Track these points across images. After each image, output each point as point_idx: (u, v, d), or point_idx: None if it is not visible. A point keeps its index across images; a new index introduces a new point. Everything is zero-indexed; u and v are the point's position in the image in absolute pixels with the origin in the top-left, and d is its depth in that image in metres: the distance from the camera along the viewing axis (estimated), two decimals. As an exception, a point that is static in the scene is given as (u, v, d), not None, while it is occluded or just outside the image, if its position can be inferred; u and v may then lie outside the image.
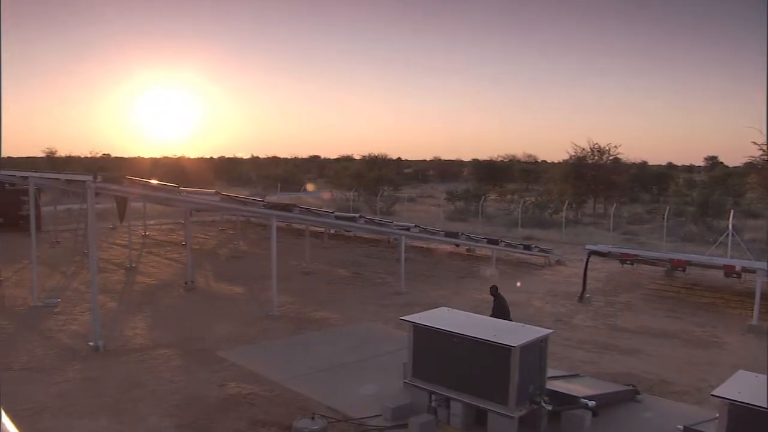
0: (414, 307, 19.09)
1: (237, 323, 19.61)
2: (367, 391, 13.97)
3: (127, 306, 21.98)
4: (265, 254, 28.64)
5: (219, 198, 22.23)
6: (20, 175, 30.22)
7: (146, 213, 43.16)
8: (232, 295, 24.02)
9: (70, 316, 20.12)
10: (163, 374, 15.14)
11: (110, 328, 18.39)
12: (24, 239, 30.20)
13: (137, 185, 22.34)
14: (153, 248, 35.97)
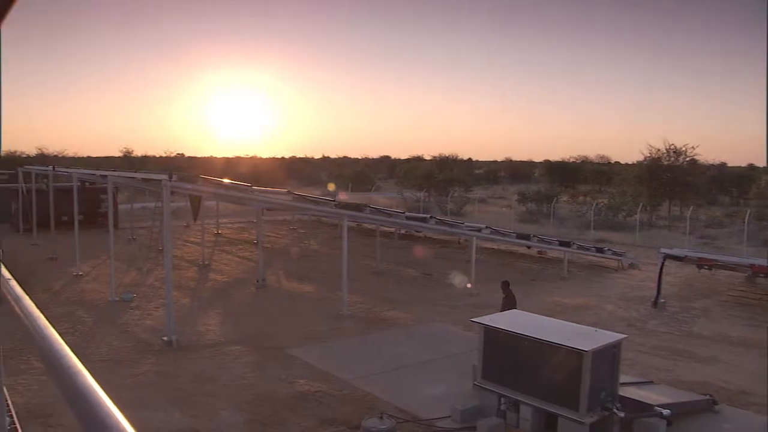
0: (484, 309, 18.93)
1: (307, 321, 19.78)
2: (435, 392, 13.90)
3: (200, 302, 22.43)
4: (336, 253, 28.82)
5: (291, 197, 22.46)
6: (99, 174, 31.19)
7: (219, 211, 43.93)
8: (302, 293, 24.25)
9: (145, 311, 20.64)
10: (235, 370, 15.38)
11: (183, 324, 18.79)
12: (102, 236, 31.15)
13: (211, 184, 22.75)
14: (225, 246, 36.64)
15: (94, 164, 69.41)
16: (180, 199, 29.08)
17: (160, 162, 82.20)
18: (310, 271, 28.56)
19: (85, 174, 32.73)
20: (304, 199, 24.09)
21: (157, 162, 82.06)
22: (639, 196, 52.23)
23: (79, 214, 27.80)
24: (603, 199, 57.35)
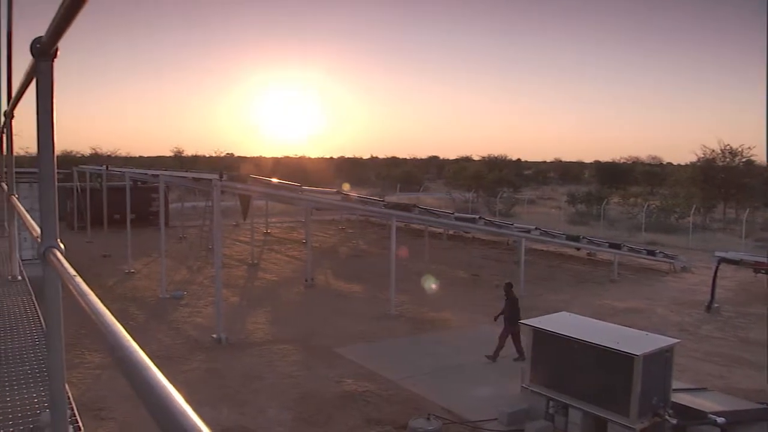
0: (532, 311, 18.77)
1: (355, 321, 19.86)
2: (483, 394, 13.85)
3: (249, 301, 22.68)
4: (384, 254, 28.87)
5: (340, 197, 22.59)
6: (151, 173, 31.77)
7: (268, 211, 44.32)
8: (350, 293, 24.36)
9: (195, 309, 20.95)
10: (283, 368, 15.52)
11: (232, 322, 19.03)
12: (153, 234, 31.70)
13: (260, 184, 23.01)
14: (274, 245, 36.96)
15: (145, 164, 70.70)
16: (230, 198, 29.45)
17: (210, 162, 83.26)
18: (358, 271, 28.64)
19: (138, 173, 33.40)
20: (353, 199, 24.21)
21: (207, 162, 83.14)
22: (692, 198, 51.19)
23: (131, 213, 28.36)
24: (655, 200, 56.34)
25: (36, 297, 6.01)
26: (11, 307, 5.60)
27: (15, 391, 3.59)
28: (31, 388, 3.64)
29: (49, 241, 2.36)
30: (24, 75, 3.35)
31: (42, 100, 2.37)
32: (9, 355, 4.28)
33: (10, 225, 7.37)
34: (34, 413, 3.27)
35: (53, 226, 2.41)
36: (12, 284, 6.65)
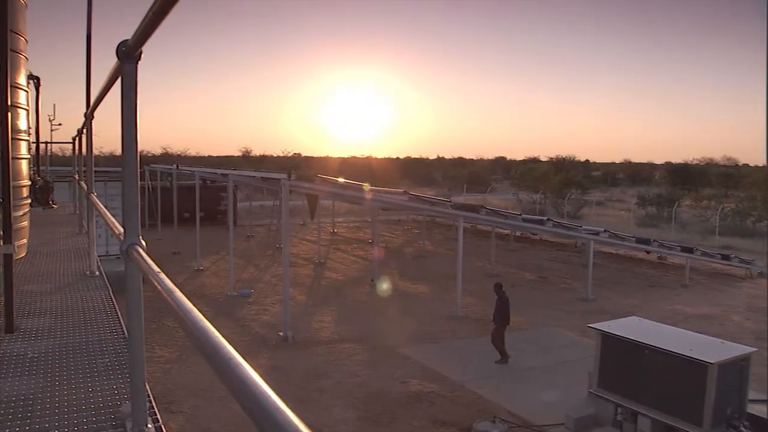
0: (601, 315, 18.49)
1: (420, 322, 19.85)
2: (549, 398, 13.68)
3: (315, 300, 22.88)
4: (450, 255, 28.81)
5: (407, 197, 22.60)
6: (220, 173, 32.34)
7: (335, 210, 44.61)
8: (416, 293, 24.34)
9: (261, 307, 21.24)
10: (348, 367, 15.62)
11: (299, 320, 19.23)
12: (221, 233, 32.29)
13: (328, 183, 23.18)
14: (341, 245, 37.21)
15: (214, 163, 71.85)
16: (297, 197, 29.77)
17: (278, 161, 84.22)
18: (424, 271, 28.61)
19: (207, 173, 34.03)
20: (420, 200, 24.20)
21: (274, 161, 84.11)
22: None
23: (201, 211, 28.93)
24: (729, 203, 54.67)
25: (113, 292, 6.20)
26: (90, 301, 5.79)
27: (96, 383, 3.72)
28: (111, 380, 3.76)
29: (132, 239, 2.44)
30: (107, 78, 3.45)
31: (127, 101, 2.44)
32: (90, 348, 4.43)
33: (90, 223, 7.61)
34: (115, 404, 3.37)
35: (136, 224, 2.49)
36: (90, 279, 6.86)
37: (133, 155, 2.47)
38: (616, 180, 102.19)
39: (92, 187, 6.79)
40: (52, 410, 3.33)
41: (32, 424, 3.17)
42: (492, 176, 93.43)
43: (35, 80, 14.91)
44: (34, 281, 6.77)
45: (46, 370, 3.97)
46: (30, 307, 5.54)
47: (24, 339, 4.66)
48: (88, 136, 7.03)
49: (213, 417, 12.52)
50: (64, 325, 5.04)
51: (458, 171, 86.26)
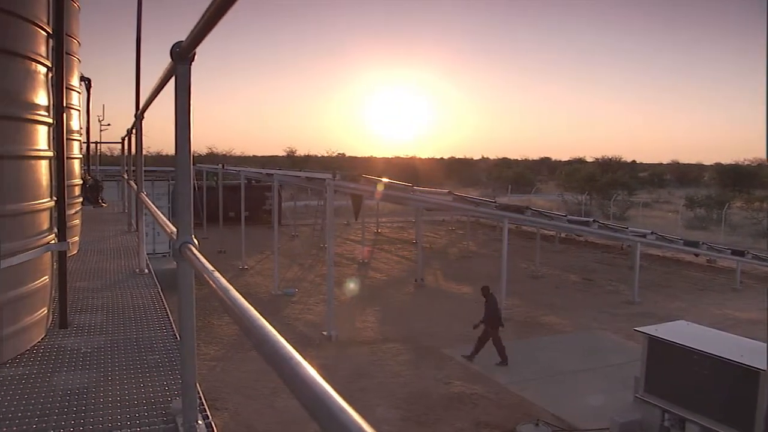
0: (647, 319, 18.23)
1: (464, 322, 19.72)
2: (594, 402, 13.53)
3: (359, 299, 22.92)
4: (494, 255, 28.66)
5: (452, 198, 22.55)
6: (266, 172, 32.61)
7: (379, 211, 44.65)
8: (459, 294, 24.25)
9: (306, 306, 21.36)
10: (391, 367, 15.63)
11: (342, 320, 19.28)
12: (266, 232, 32.57)
13: (372, 184, 23.24)
14: (384, 245, 37.24)
15: (259, 163, 72.45)
16: (341, 197, 29.87)
17: (322, 161, 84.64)
18: (468, 272, 28.48)
19: (252, 172, 34.34)
20: (464, 200, 24.13)
21: (318, 161, 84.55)
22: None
23: (246, 211, 29.22)
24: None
25: (162, 289, 6.30)
26: (140, 298, 5.89)
27: (147, 379, 3.78)
28: (161, 376, 3.83)
29: (185, 237, 2.47)
30: (158, 79, 3.51)
31: (180, 102, 2.48)
32: (140, 344, 4.51)
33: (139, 221, 7.75)
34: (165, 400, 3.43)
35: (188, 223, 2.52)
36: (140, 277, 6.98)
37: (186, 155, 2.51)
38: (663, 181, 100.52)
39: (142, 186, 6.91)
40: (106, 405, 3.40)
41: (87, 418, 3.24)
42: (537, 177, 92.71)
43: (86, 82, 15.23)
44: (85, 278, 6.91)
45: (99, 365, 4.06)
46: (82, 304, 5.66)
47: (77, 334, 4.76)
48: (138, 135, 7.15)
49: (256, 415, 12.64)
50: (115, 321, 5.14)
51: (503, 171, 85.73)
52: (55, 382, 3.76)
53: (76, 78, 9.78)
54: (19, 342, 4.28)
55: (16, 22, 4.20)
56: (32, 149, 4.41)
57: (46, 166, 4.64)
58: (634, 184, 69.86)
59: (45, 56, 4.60)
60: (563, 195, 63.57)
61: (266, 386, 13.88)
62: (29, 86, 4.37)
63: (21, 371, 3.94)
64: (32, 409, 3.36)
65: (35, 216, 4.47)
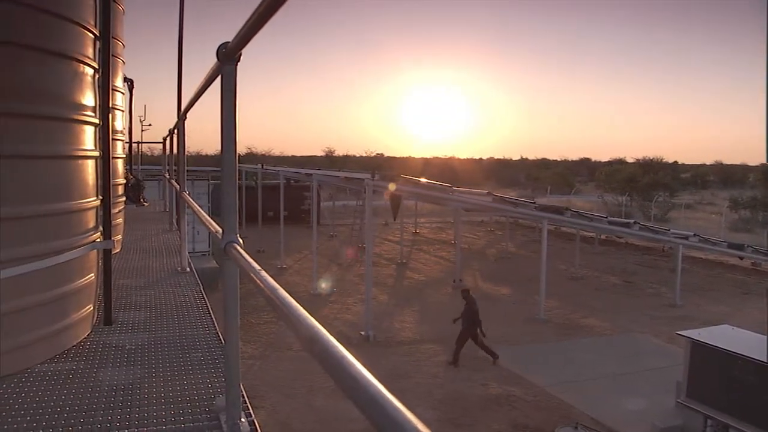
0: (689, 322, 17.97)
1: (502, 324, 19.67)
2: (633, 407, 13.36)
3: (397, 300, 22.93)
4: (533, 257, 28.47)
5: (491, 198, 22.46)
6: (304, 172, 32.79)
7: (417, 211, 44.62)
8: (498, 295, 24.13)
9: (343, 306, 21.44)
10: (428, 368, 15.62)
11: (380, 320, 19.32)
12: (304, 231, 32.72)
13: (411, 184, 23.25)
14: (423, 245, 37.19)
15: (298, 163, 72.82)
16: (380, 197, 29.92)
17: (360, 162, 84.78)
18: (507, 273, 28.33)
19: (291, 172, 34.54)
20: (503, 201, 24.01)
21: (357, 162, 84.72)
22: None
23: (284, 210, 29.40)
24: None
25: (204, 287, 6.37)
26: (183, 297, 5.97)
27: (191, 376, 3.83)
28: (204, 374, 3.87)
29: (230, 237, 2.50)
30: (203, 79, 3.55)
31: (226, 102, 2.51)
32: (183, 342, 4.57)
33: (181, 220, 7.84)
34: (209, 398, 3.47)
35: (234, 222, 2.55)
36: (182, 275, 7.07)
37: (232, 155, 2.54)
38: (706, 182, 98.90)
39: (185, 185, 6.99)
40: (150, 401, 3.45)
41: (132, 413, 3.29)
42: (576, 178, 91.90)
43: (129, 83, 15.45)
44: (128, 276, 7.02)
45: (143, 362, 4.12)
46: (126, 301, 5.75)
47: (121, 331, 4.84)
48: (181, 135, 7.23)
49: (294, 413, 12.72)
50: (158, 319, 5.21)
51: (542, 172, 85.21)
52: (101, 377, 3.83)
53: (120, 79, 9.93)
54: (66, 338, 4.37)
55: (65, 25, 4.29)
56: (80, 149, 4.49)
57: (92, 166, 4.73)
58: (676, 185, 68.91)
59: (92, 58, 4.68)
60: (603, 196, 62.92)
61: (303, 385, 13.96)
62: (77, 87, 4.45)
63: (68, 366, 4.02)
64: (79, 403, 3.43)
65: (82, 215, 4.56)
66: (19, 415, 3.28)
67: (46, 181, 4.14)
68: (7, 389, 3.62)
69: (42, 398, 3.51)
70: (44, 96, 4.13)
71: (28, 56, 3.98)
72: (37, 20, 4.02)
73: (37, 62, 4.06)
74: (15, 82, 3.90)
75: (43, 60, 4.10)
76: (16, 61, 3.89)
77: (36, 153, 4.05)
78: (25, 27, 3.92)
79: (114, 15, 6.21)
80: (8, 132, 3.85)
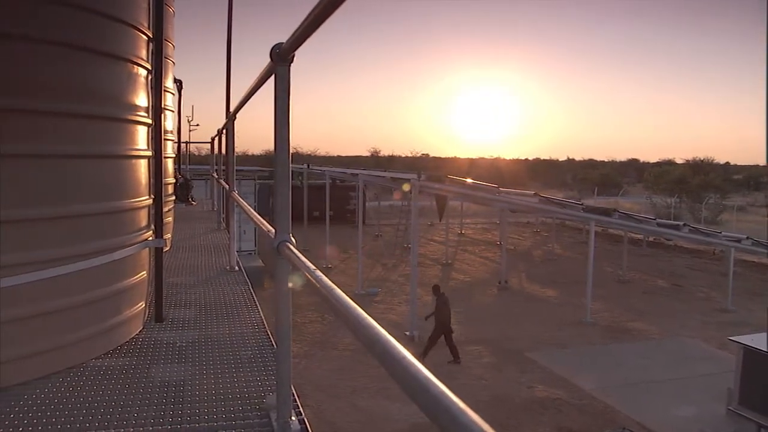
0: (741, 328, 17.58)
1: (548, 326, 19.51)
2: (682, 413, 13.13)
3: (442, 301, 22.84)
4: (579, 258, 28.18)
5: (537, 200, 22.30)
6: (350, 172, 32.92)
7: (463, 211, 44.46)
8: (544, 297, 23.93)
9: (389, 306, 21.44)
10: (474, 370, 15.55)
11: (425, 321, 19.25)
12: (350, 231, 32.83)
13: (457, 184, 23.19)
14: (468, 246, 37.04)
15: (343, 163, 73.05)
16: (425, 198, 29.88)
17: (406, 162, 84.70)
18: (553, 275, 28.06)
19: (337, 172, 34.69)
20: (550, 202, 23.82)
21: (402, 162, 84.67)
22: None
23: (330, 210, 29.52)
24: None
25: (252, 286, 6.44)
26: (232, 295, 6.04)
27: (241, 374, 3.88)
28: (254, 372, 3.91)
29: (284, 236, 2.53)
30: (255, 79, 3.58)
31: (280, 103, 2.53)
32: (233, 340, 4.62)
33: (230, 219, 7.93)
34: (259, 396, 3.51)
35: (287, 221, 2.57)
36: (230, 274, 7.15)
37: (286, 155, 2.56)
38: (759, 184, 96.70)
39: (234, 185, 7.07)
40: (201, 397, 3.50)
41: (183, 409, 3.34)
42: (624, 179, 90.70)
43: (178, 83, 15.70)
44: (178, 274, 7.13)
45: (194, 359, 4.18)
46: (176, 299, 5.84)
47: (172, 328, 4.92)
48: (230, 135, 7.31)
49: (338, 413, 12.77)
50: (208, 316, 5.28)
51: (588, 173, 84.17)
52: (153, 373, 3.90)
53: (170, 80, 10.10)
54: (119, 334, 4.46)
55: (121, 28, 4.37)
56: (134, 149, 4.58)
57: (145, 166, 4.82)
58: (728, 187, 67.53)
59: (146, 59, 4.77)
60: (651, 198, 61.94)
61: (348, 385, 14.02)
62: (131, 88, 4.54)
63: (122, 362, 4.10)
64: (132, 398, 3.50)
65: (135, 213, 4.65)
66: (75, 408, 3.37)
67: (103, 180, 4.24)
68: (63, 382, 3.72)
69: (97, 392, 3.59)
70: (101, 97, 4.22)
71: (86, 58, 4.07)
72: (95, 23, 4.12)
73: (94, 64, 4.15)
74: (73, 83, 3.99)
75: (99, 62, 4.19)
76: (74, 63, 3.98)
77: (93, 152, 4.15)
78: (82, 29, 4.01)
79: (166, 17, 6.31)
80: (67, 132, 3.95)
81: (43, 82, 3.81)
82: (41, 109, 3.77)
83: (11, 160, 3.63)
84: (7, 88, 3.60)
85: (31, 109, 3.72)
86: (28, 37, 3.67)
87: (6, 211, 3.55)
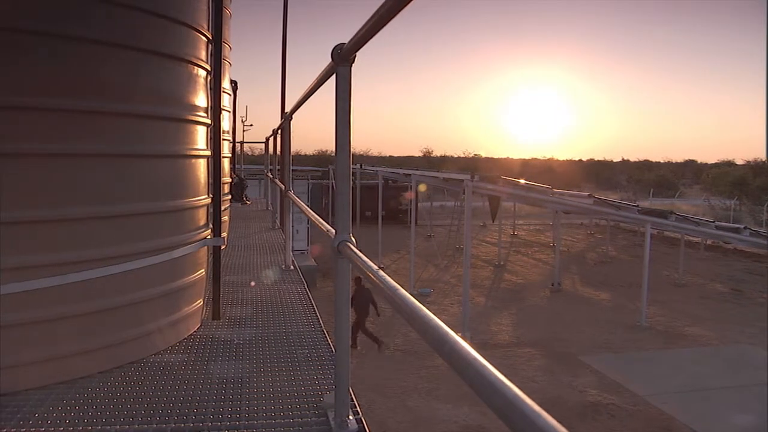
0: (806, 335, 17.10)
1: (602, 330, 19.25)
2: (741, 422, 12.83)
3: (494, 302, 22.76)
4: (634, 261, 27.75)
5: (592, 201, 22.02)
6: (403, 172, 32.95)
7: (515, 212, 44.14)
8: (597, 300, 23.61)
9: (440, 307, 21.39)
10: (525, 372, 15.44)
11: (477, 322, 19.21)
12: (402, 231, 32.86)
13: (510, 185, 23.03)
14: (521, 248, 36.77)
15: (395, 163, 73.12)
16: (477, 198, 29.75)
17: (458, 162, 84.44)
18: (607, 277, 27.67)
19: (390, 172, 34.75)
20: (605, 204, 23.49)
21: (455, 162, 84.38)
22: None
23: (382, 210, 29.58)
24: None
25: (307, 285, 6.49)
26: (287, 294, 6.09)
27: (298, 372, 3.91)
28: (311, 371, 3.94)
29: (344, 236, 2.54)
30: (315, 79, 3.61)
31: (341, 103, 2.55)
32: (290, 338, 4.67)
33: (285, 219, 8.01)
34: (316, 394, 3.54)
35: (347, 221, 2.59)
36: (286, 273, 7.22)
37: (346, 155, 2.58)
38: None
39: (290, 185, 7.13)
40: (259, 395, 3.54)
41: (242, 407, 3.39)
42: (680, 180, 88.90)
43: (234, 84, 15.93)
44: (234, 272, 7.23)
45: (251, 357, 4.23)
46: (232, 296, 5.92)
47: (229, 326, 4.99)
48: (286, 135, 7.38)
49: (389, 413, 12.80)
50: (264, 315, 5.34)
51: (644, 174, 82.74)
52: (211, 370, 3.96)
53: (227, 81, 10.25)
54: (178, 330, 4.54)
55: (182, 30, 4.46)
56: (194, 148, 4.66)
57: (204, 165, 4.90)
58: (794, 189, 65.57)
59: (205, 60, 4.86)
60: (709, 200, 60.61)
61: (398, 385, 14.05)
62: (192, 89, 4.62)
63: (180, 358, 4.17)
64: (192, 394, 3.56)
65: (195, 212, 4.73)
66: (137, 402, 3.44)
67: (164, 179, 4.33)
68: (125, 377, 3.81)
69: (157, 387, 3.66)
70: (163, 97, 4.31)
71: (148, 59, 4.16)
72: (157, 25, 4.21)
73: (156, 65, 4.24)
74: (136, 84, 4.08)
75: (161, 63, 4.28)
76: (136, 65, 4.08)
77: (155, 152, 4.25)
78: (145, 32, 4.10)
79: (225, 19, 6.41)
80: (130, 132, 4.05)
81: (109, 84, 3.90)
82: (106, 110, 3.87)
83: (80, 160, 3.75)
84: (75, 90, 3.70)
85: (96, 110, 3.81)
86: (96, 40, 3.77)
87: (71, 209, 3.66)
